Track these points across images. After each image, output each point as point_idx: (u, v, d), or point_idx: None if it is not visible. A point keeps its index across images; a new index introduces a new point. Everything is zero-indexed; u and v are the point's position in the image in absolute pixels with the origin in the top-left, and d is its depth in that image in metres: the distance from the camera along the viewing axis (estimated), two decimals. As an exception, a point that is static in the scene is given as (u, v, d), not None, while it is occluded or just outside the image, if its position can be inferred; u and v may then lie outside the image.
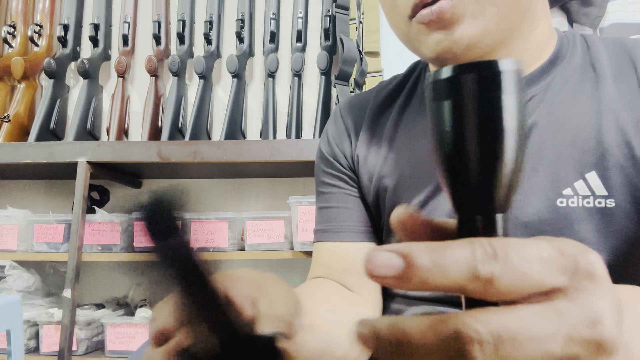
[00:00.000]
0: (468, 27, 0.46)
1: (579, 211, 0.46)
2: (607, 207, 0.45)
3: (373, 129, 0.60)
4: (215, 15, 1.61)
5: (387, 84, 0.64)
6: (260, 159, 1.32)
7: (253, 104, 1.63)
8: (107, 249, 1.37)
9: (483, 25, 0.46)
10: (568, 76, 0.51)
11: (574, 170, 0.47)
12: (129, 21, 1.63)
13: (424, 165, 0.54)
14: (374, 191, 0.58)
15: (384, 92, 0.63)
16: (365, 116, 0.62)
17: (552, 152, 0.48)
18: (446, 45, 0.47)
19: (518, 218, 0.48)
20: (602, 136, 0.47)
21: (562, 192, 0.47)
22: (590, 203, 0.46)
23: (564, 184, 0.47)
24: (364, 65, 1.53)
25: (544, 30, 0.52)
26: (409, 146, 0.56)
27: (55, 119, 1.55)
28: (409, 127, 0.57)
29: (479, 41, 0.46)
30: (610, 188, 0.46)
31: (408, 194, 0.54)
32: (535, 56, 0.51)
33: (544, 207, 0.47)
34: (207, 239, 1.36)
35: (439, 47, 0.47)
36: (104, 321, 1.33)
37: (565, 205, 0.46)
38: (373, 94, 0.64)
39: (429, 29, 0.47)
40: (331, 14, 1.55)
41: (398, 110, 0.60)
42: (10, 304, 1.03)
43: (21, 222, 1.42)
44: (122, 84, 1.61)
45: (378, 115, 0.61)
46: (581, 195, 0.46)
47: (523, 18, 0.48)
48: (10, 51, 1.61)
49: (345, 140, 0.62)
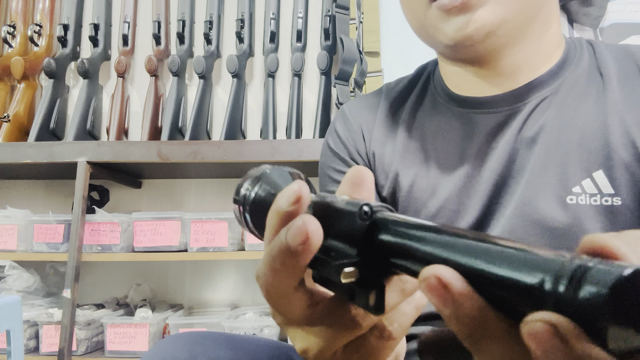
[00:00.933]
0: (490, 12, 0.47)
1: (586, 209, 0.47)
2: (613, 205, 0.47)
3: (387, 128, 0.61)
4: (215, 15, 1.60)
5: (395, 85, 0.65)
6: (260, 159, 1.32)
7: (253, 104, 1.63)
8: (106, 249, 1.37)
9: (504, 13, 0.47)
10: (576, 80, 0.52)
11: (582, 169, 0.48)
12: (129, 21, 1.63)
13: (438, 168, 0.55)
14: (390, 188, 0.58)
15: (393, 92, 0.64)
16: (377, 116, 0.62)
17: (561, 151, 0.49)
18: (466, 32, 0.48)
19: (530, 216, 0.49)
20: (608, 136, 0.48)
21: (572, 190, 0.48)
22: (598, 201, 0.47)
23: (572, 182, 0.48)
24: (364, 65, 1.53)
25: (555, 33, 0.54)
26: (422, 147, 0.57)
27: (55, 119, 1.55)
28: (422, 127, 0.58)
29: (498, 29, 0.48)
30: (616, 186, 0.47)
31: (423, 195, 0.55)
32: (546, 58, 0.53)
33: (554, 205, 0.48)
34: (207, 239, 1.36)
35: (458, 35, 0.48)
36: (103, 321, 1.32)
37: (575, 203, 0.48)
38: (382, 95, 0.65)
39: (448, 15, 0.48)
40: (331, 13, 1.55)
41: (411, 111, 0.61)
42: (10, 304, 1.03)
43: (21, 222, 1.42)
44: (122, 84, 1.61)
45: (391, 115, 0.62)
46: (589, 193, 0.47)
47: (536, 16, 0.50)
48: (10, 51, 1.61)
49: (358, 138, 0.62)
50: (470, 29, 0.47)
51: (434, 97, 0.60)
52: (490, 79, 0.54)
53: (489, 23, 0.47)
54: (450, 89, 0.58)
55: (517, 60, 0.52)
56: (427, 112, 0.59)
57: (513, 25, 0.49)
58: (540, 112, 0.52)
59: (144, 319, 1.32)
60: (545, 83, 0.53)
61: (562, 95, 0.52)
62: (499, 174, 0.51)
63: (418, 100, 0.61)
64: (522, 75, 0.53)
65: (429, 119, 0.59)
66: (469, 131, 0.55)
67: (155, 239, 1.36)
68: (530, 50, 0.52)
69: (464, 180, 0.53)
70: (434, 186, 0.55)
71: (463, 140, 0.55)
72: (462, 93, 0.57)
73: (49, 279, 1.54)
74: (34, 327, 1.35)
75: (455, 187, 0.53)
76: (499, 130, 0.53)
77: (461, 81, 0.57)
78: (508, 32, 0.49)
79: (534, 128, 0.51)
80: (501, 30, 0.48)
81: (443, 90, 0.59)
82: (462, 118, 0.56)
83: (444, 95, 0.59)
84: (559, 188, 0.48)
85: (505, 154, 0.51)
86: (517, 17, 0.48)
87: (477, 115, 0.55)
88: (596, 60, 0.54)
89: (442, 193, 0.54)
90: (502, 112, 0.53)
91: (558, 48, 0.54)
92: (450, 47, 0.50)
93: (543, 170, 0.49)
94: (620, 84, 0.50)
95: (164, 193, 1.66)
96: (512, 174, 0.51)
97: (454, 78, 0.58)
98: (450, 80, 0.59)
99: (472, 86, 0.55)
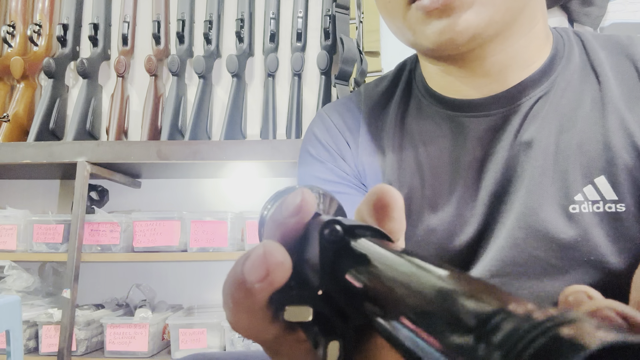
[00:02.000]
0: (475, 15, 0.43)
1: (590, 217, 0.45)
2: (617, 211, 0.45)
3: (373, 135, 0.57)
4: (215, 14, 1.60)
5: (375, 87, 0.60)
6: (260, 159, 1.32)
7: (253, 104, 1.62)
8: (106, 249, 1.36)
9: (490, 15, 0.43)
10: (569, 77, 0.50)
11: (583, 175, 0.46)
12: (129, 21, 1.63)
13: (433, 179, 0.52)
14: None
15: (374, 95, 0.59)
16: (361, 122, 0.58)
17: (560, 156, 0.47)
18: (449, 36, 0.44)
19: (533, 227, 0.46)
20: (609, 139, 0.46)
21: (574, 198, 0.46)
22: (600, 208, 0.45)
23: (574, 190, 0.46)
24: (364, 65, 1.52)
25: (543, 28, 0.51)
26: (415, 156, 0.54)
27: (54, 118, 1.54)
28: (412, 134, 0.55)
29: (483, 32, 0.44)
30: (619, 192, 0.45)
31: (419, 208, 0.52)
32: (536, 54, 0.50)
33: (558, 215, 0.46)
34: (207, 239, 1.36)
35: (441, 38, 0.44)
36: (103, 321, 1.32)
37: (579, 212, 0.45)
38: (361, 98, 0.60)
39: (429, 17, 0.44)
40: (331, 13, 1.55)
41: (397, 115, 0.56)
42: (10, 304, 1.03)
43: (20, 222, 1.42)
44: (122, 84, 1.61)
45: (374, 121, 0.58)
46: (591, 200, 0.45)
47: (523, 10, 0.47)
48: (9, 51, 1.61)
49: (343, 147, 0.57)
50: (452, 33, 0.43)
51: (419, 100, 0.56)
52: (477, 79, 0.50)
53: (474, 26, 0.43)
54: (433, 89, 0.54)
55: (505, 59, 0.48)
56: (414, 116, 0.55)
57: (500, 25, 0.45)
58: (536, 113, 0.48)
59: (144, 319, 1.32)
60: (538, 82, 0.49)
61: (557, 95, 0.49)
62: (497, 182, 0.49)
63: (403, 103, 0.57)
64: (512, 74, 0.49)
65: (417, 124, 0.55)
66: (460, 137, 0.51)
67: (154, 239, 1.36)
68: (520, 46, 0.48)
69: (462, 192, 0.50)
70: (431, 199, 0.51)
71: (455, 147, 0.51)
72: (447, 94, 0.53)
73: (48, 279, 1.54)
74: (33, 328, 1.35)
75: (453, 199, 0.50)
76: (494, 134, 0.49)
77: (445, 82, 0.52)
78: (494, 32, 0.45)
79: (530, 131, 0.48)
80: (487, 32, 0.44)
81: (426, 90, 0.55)
82: (451, 122, 0.52)
83: (428, 96, 0.55)
84: (561, 197, 0.46)
85: (503, 161, 0.48)
86: (505, 16, 0.44)
87: (467, 119, 0.51)
88: (587, 55, 0.50)
89: (440, 206, 0.51)
90: (495, 115, 0.50)
91: (547, 42, 0.51)
92: (433, 50, 0.47)
93: (543, 177, 0.47)
94: (617, 81, 0.48)
95: (163, 193, 1.66)
96: (511, 181, 0.48)
97: (437, 78, 0.53)
98: (433, 80, 0.54)
99: (458, 87, 0.51)
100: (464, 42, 0.44)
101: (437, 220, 0.51)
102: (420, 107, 0.56)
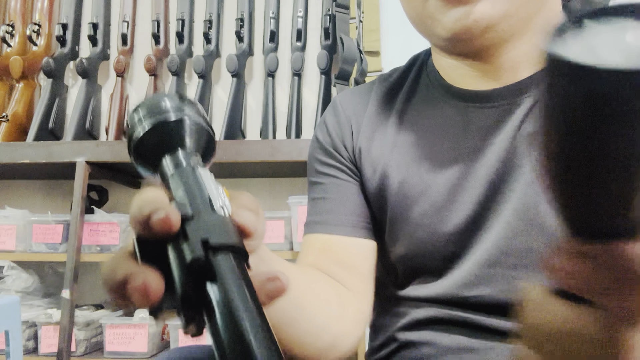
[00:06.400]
0: (491, 6, 0.45)
1: None
2: None
3: (377, 120, 0.59)
4: (215, 14, 1.60)
5: (388, 77, 0.63)
6: (260, 159, 1.31)
7: (253, 104, 1.62)
8: (106, 250, 1.36)
9: (505, 8, 0.46)
10: None
11: None
12: (128, 20, 1.62)
13: (431, 163, 0.53)
14: (378, 183, 0.56)
15: (386, 83, 0.62)
16: (368, 108, 0.60)
17: None
18: (465, 24, 0.46)
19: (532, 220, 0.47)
20: None
21: None
22: None
23: None
24: (364, 65, 1.52)
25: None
26: (415, 142, 0.55)
27: (53, 118, 1.54)
28: (414, 123, 0.56)
29: (497, 24, 0.46)
30: None
31: (415, 192, 0.53)
32: None
33: None
34: (207, 239, 1.35)
35: (456, 26, 0.47)
36: (102, 322, 1.32)
37: None
38: (374, 86, 0.62)
39: (447, 6, 0.47)
40: (331, 13, 1.55)
41: (402, 104, 0.58)
42: (9, 304, 1.03)
43: (20, 222, 1.41)
44: (121, 84, 1.60)
45: (382, 108, 0.60)
46: None
47: (539, 11, 0.49)
48: (8, 50, 1.61)
49: (346, 131, 0.60)
50: (469, 20, 0.46)
51: (428, 89, 0.58)
52: (489, 73, 0.52)
53: (488, 16, 0.46)
54: (446, 81, 0.56)
55: (518, 55, 0.50)
56: (420, 104, 0.57)
57: (514, 20, 0.47)
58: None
59: (143, 320, 1.31)
60: None
61: None
62: (495, 171, 0.50)
63: (411, 91, 0.59)
64: (523, 69, 0.51)
65: (423, 112, 0.56)
66: (464, 126, 0.53)
67: (154, 239, 1.35)
68: (533, 44, 0.50)
69: (457, 177, 0.51)
70: (426, 183, 0.53)
71: (458, 135, 0.53)
72: (459, 86, 0.55)
73: (47, 279, 1.53)
74: (32, 328, 1.35)
75: (447, 184, 0.52)
76: (497, 125, 0.51)
77: (457, 74, 0.55)
78: (508, 27, 0.47)
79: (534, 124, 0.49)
80: (501, 25, 0.47)
81: (439, 82, 0.57)
82: (458, 112, 0.54)
83: (439, 87, 0.57)
84: None
85: (503, 151, 0.50)
86: (519, 12, 0.47)
87: (474, 109, 0.53)
88: None
89: (433, 190, 0.52)
90: (500, 107, 0.51)
91: None
92: (448, 39, 0.49)
93: None
94: None
95: (163, 193, 1.65)
96: (510, 172, 0.49)
97: (449, 71, 0.56)
98: (446, 72, 0.56)
99: (469, 80, 0.53)
100: (478, 32, 0.46)
101: (430, 203, 0.52)
102: (428, 97, 0.57)
